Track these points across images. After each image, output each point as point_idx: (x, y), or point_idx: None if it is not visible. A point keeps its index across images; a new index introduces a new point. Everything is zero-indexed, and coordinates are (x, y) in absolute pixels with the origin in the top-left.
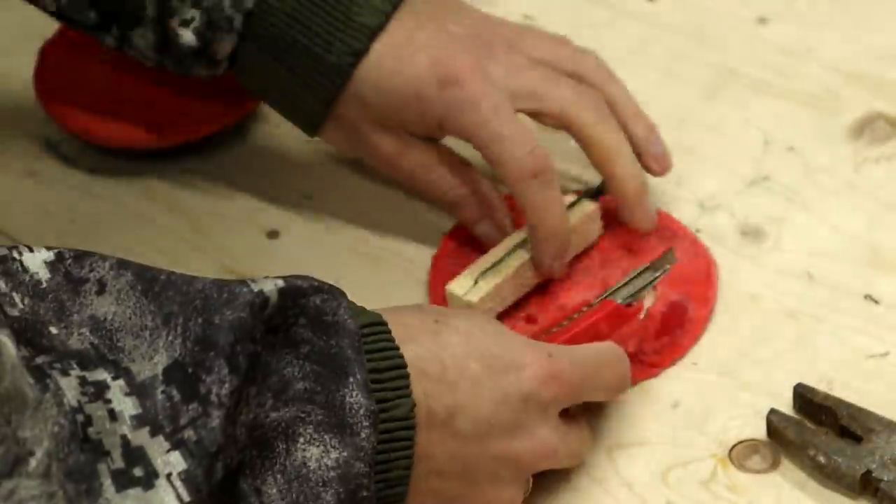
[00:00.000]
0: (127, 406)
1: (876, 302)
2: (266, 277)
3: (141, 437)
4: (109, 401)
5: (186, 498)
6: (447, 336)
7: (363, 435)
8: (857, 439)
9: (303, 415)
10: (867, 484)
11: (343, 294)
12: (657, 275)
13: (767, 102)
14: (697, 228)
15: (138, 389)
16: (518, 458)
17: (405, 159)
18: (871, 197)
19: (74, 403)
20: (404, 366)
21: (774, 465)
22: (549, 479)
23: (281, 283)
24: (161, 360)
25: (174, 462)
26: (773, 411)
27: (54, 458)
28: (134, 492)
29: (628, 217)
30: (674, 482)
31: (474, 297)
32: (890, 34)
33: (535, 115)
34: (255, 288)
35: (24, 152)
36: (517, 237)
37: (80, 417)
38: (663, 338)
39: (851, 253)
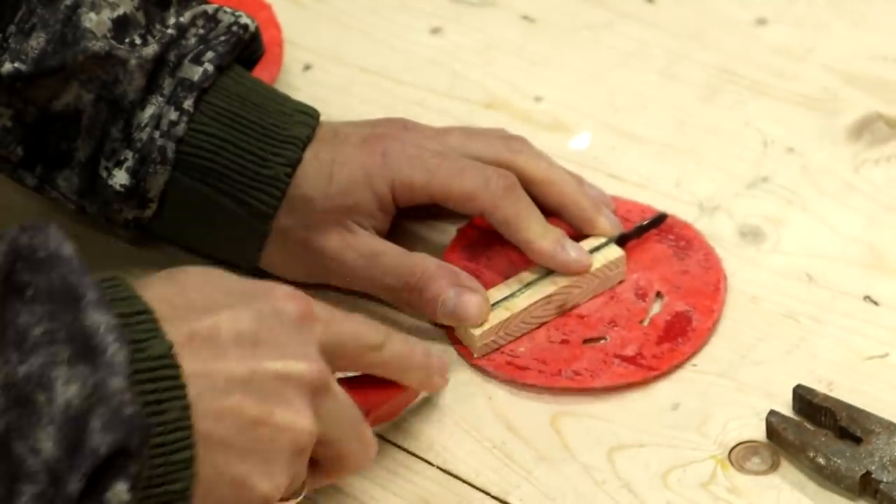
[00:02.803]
0: None
1: (875, 303)
2: None
3: None
4: None
5: None
6: (184, 277)
7: (110, 351)
8: (857, 440)
9: (50, 358)
10: (867, 485)
11: (49, 224)
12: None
13: (767, 103)
14: (697, 230)
15: None
16: (295, 376)
17: (350, 250)
18: (871, 198)
19: None
20: (145, 308)
21: (774, 466)
22: (549, 480)
23: None
24: None
25: None
26: (772, 413)
27: None
28: None
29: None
30: (674, 483)
31: (477, 331)
32: (889, 35)
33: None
34: None
35: None
36: (530, 276)
37: None
38: (664, 345)
39: (851, 254)
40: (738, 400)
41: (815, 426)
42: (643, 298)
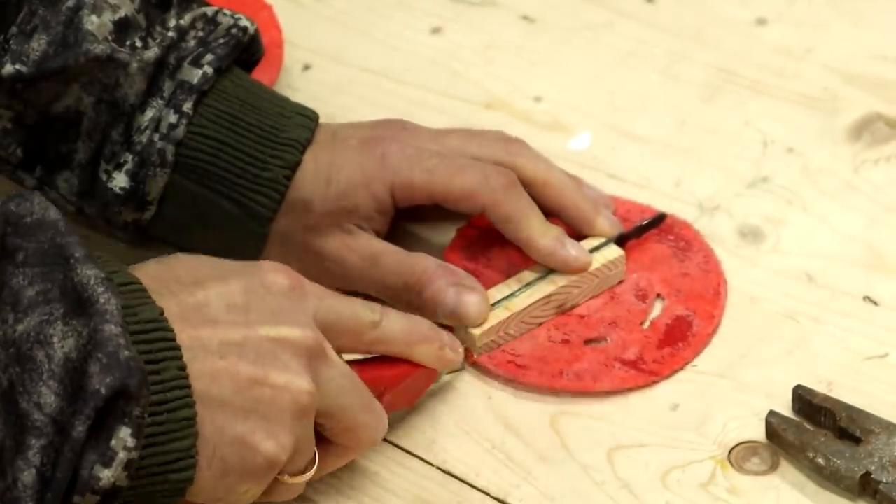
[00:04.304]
0: None
1: (875, 303)
2: None
3: None
4: None
5: None
6: (173, 260)
7: (101, 301)
8: (857, 441)
9: (45, 317)
10: (866, 485)
11: (33, 193)
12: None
13: (766, 103)
14: (696, 229)
15: None
16: (289, 340)
17: (349, 251)
18: (870, 198)
19: None
20: (133, 280)
21: (774, 466)
22: (549, 480)
23: None
24: None
25: None
26: (772, 413)
27: None
28: None
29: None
30: (673, 484)
31: (477, 331)
32: (889, 34)
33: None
34: None
35: None
36: (530, 275)
37: None
38: (665, 349)
39: (850, 254)
40: (737, 400)
41: (814, 426)
42: (643, 300)
